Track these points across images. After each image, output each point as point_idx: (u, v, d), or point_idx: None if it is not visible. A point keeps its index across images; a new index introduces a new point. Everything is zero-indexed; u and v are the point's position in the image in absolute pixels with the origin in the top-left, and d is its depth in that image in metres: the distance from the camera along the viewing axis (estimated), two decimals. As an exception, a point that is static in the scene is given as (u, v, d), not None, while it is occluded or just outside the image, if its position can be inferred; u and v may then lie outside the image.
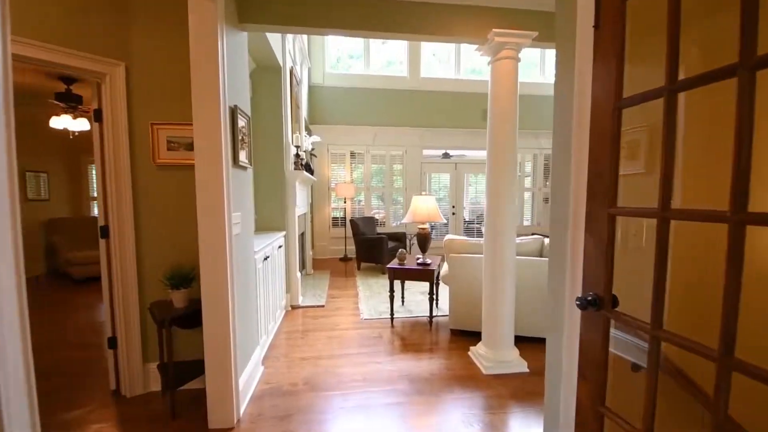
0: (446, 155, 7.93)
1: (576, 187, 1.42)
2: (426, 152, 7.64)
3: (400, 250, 3.75)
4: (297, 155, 4.18)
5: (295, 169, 4.17)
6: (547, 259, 3.20)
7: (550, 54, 7.68)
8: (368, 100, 7.20)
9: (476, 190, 7.73)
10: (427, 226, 3.62)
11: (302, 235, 5.46)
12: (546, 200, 7.89)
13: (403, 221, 3.61)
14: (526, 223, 7.95)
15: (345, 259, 6.96)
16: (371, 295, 4.58)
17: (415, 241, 7.55)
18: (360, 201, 7.46)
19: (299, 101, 5.30)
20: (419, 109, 7.36)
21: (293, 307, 4.14)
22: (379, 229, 7.13)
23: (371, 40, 7.20)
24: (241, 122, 2.27)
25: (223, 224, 1.96)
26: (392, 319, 3.70)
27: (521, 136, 7.76)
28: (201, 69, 1.93)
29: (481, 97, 7.49)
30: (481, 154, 7.69)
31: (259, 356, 2.69)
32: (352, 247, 6.96)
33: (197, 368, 2.23)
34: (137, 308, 2.43)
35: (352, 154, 7.30)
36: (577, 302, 1.32)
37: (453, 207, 7.64)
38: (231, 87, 2.12)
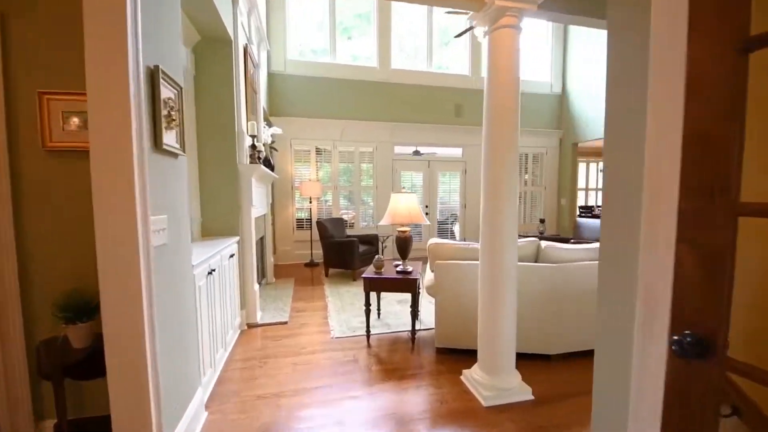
0: (417, 152, 7.52)
1: (657, 177, 0.96)
2: (397, 149, 7.18)
3: (377, 257, 3.24)
4: (253, 146, 3.56)
5: (251, 162, 3.55)
6: (547, 264, 2.82)
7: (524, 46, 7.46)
8: (335, 91, 6.63)
9: (449, 189, 7.37)
10: (408, 228, 3.14)
11: (261, 240, 4.82)
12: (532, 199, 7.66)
13: (380, 223, 3.09)
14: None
15: (311, 264, 6.35)
16: (342, 307, 4.04)
17: (388, 243, 7.12)
18: (327, 201, 6.88)
19: (256, 86, 4.65)
20: (390, 102, 6.89)
21: (250, 326, 3.51)
22: (349, 231, 6.58)
23: (337, 33, 6.63)
24: (167, 92, 1.67)
25: (133, 232, 1.36)
26: (368, 336, 3.19)
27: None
28: (98, 5, 1.32)
29: (453, 92, 7.15)
30: (454, 152, 7.35)
31: (201, 399, 2.08)
32: (318, 251, 6.35)
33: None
34: (22, 348, 1.76)
35: (318, 151, 6.70)
36: (674, 347, 0.88)
37: (426, 207, 7.23)
38: (150, 40, 1.52)
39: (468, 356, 2.80)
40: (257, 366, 2.73)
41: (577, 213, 7.80)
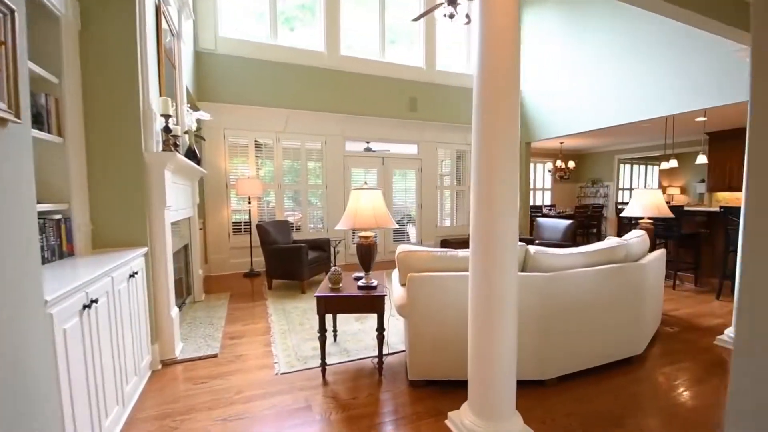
0: (368, 149, 6.96)
1: None
2: (349, 146, 6.55)
3: (333, 269, 2.60)
4: (167, 130, 2.73)
5: (163, 149, 2.73)
6: (538, 274, 2.37)
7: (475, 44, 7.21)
8: (277, 76, 5.84)
9: (405, 188, 6.89)
10: (372, 234, 2.54)
11: (186, 249, 3.94)
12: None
13: (337, 227, 2.44)
14: (446, 223, 7.35)
15: (251, 274, 5.49)
16: (290, 329, 3.33)
17: (341, 248, 6.43)
18: (270, 201, 6.05)
19: (175, 60, 3.78)
20: (339, 92, 6.24)
21: (166, 364, 2.69)
22: (296, 236, 5.82)
23: (279, 23, 5.84)
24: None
25: None
26: (324, 369, 2.53)
27: (443, 130, 7.26)
28: None
29: (409, 85, 6.70)
30: (409, 149, 6.90)
31: None
32: (260, 259, 5.53)
33: None
34: None
35: (258, 145, 5.86)
36: None
37: (380, 207, 6.67)
38: None
39: (450, 389, 2.28)
40: (170, 429, 1.97)
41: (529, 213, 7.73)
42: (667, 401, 2.21)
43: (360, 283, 2.57)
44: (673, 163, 6.64)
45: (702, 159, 6.18)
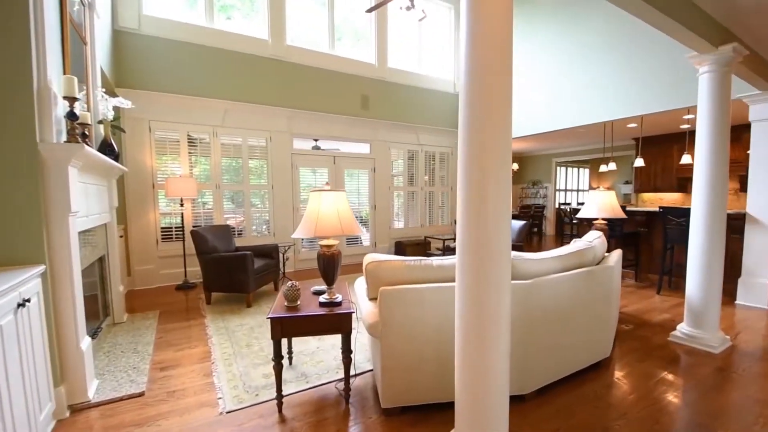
0: (316, 147, 6.56)
1: None
2: (297, 144, 6.09)
3: (289, 283, 2.22)
4: (72, 115, 2.17)
5: (68, 140, 2.16)
6: (518, 282, 2.20)
7: (427, 45, 7.15)
8: (213, 63, 5.23)
9: (357, 189, 6.58)
10: (335, 242, 2.21)
11: (101, 261, 3.29)
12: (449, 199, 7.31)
13: (294, 235, 2.07)
14: (399, 225, 7.18)
15: (185, 287, 4.84)
16: (235, 353, 2.87)
17: (290, 255, 5.92)
18: (206, 204, 5.40)
19: (86, 35, 3.13)
20: (286, 85, 5.77)
21: (76, 410, 2.13)
22: (238, 241, 5.26)
23: (215, 11, 5.24)
24: None
25: None
26: (280, 402, 2.15)
27: (396, 129, 7.09)
28: None
29: (360, 81, 6.41)
30: (361, 148, 6.61)
31: None
32: (195, 269, 4.90)
33: None
34: None
35: (192, 140, 5.19)
36: None
37: (331, 209, 6.30)
38: None
39: (430, 413, 2.04)
40: (77, 508, 1.49)
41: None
42: (646, 407, 2.15)
43: (322, 298, 2.23)
44: (612, 166, 7.09)
45: (639, 162, 6.66)
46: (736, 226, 4.08)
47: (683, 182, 7.88)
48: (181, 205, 4.93)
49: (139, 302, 4.22)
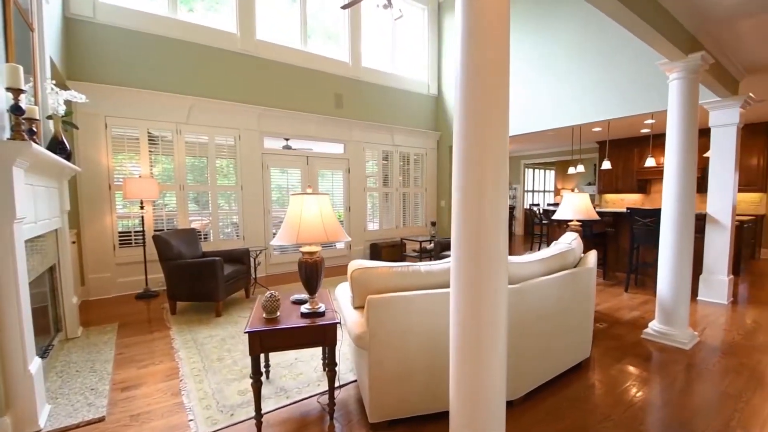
0: (287, 147, 6.35)
1: None
2: (268, 143, 5.86)
3: (268, 293, 2.06)
4: (17, 110, 1.91)
5: (12, 137, 1.90)
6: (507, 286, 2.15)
7: (401, 45, 7.10)
8: (177, 56, 4.91)
9: (331, 190, 6.41)
10: (318, 248, 2.08)
11: (51, 271, 2.97)
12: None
13: (274, 242, 1.93)
14: (374, 227, 7.07)
15: (147, 295, 4.50)
16: (206, 368, 2.66)
17: (261, 259, 5.65)
18: (169, 206, 5.06)
19: (33, 21, 2.81)
20: (256, 81, 5.53)
21: (19, 445, 1.88)
22: (205, 246, 4.98)
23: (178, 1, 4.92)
24: None
25: None
26: (259, 423, 1.99)
27: (370, 130, 7.00)
28: None
29: (334, 80, 6.26)
30: (335, 149, 6.47)
31: None
32: (157, 275, 4.59)
33: None
34: None
35: (153, 138, 4.85)
36: None
37: (304, 211, 6.10)
38: None
39: (420, 426, 1.96)
40: None
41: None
42: (630, 407, 2.18)
43: (304, 308, 2.09)
44: (581, 168, 7.33)
45: (607, 164, 6.92)
46: (697, 226, 4.29)
47: (643, 184, 8.29)
48: (141, 207, 4.59)
49: (95, 314, 3.88)
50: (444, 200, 7.67)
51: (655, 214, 4.39)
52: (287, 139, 6.22)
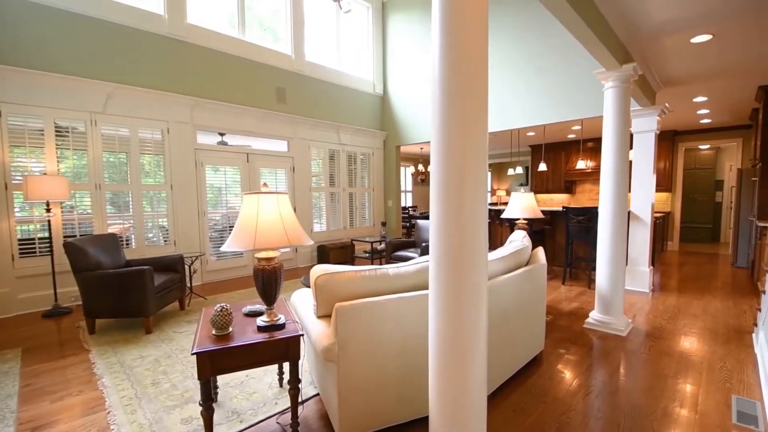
0: (223, 143, 5.87)
1: None
2: (203, 138, 5.36)
3: (218, 307, 1.81)
4: None
5: None
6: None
7: (346, 42, 6.95)
8: (93, 37, 4.28)
9: (275, 190, 6.04)
10: (276, 254, 1.87)
11: (-77, 293, 2.37)
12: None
13: (227, 249, 1.69)
14: (321, 228, 6.83)
15: (56, 313, 3.84)
16: (139, 395, 2.29)
17: (197, 267, 5.08)
18: (83, 208, 4.38)
19: None
20: (188, 69, 5.02)
21: None
22: (129, 254, 4.40)
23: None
24: None
25: None
26: (210, 454, 1.74)
27: (316, 127, 6.73)
28: None
29: (275, 73, 5.93)
30: (278, 146, 6.13)
31: None
32: (69, 289, 3.94)
33: None
34: None
35: (61, 130, 4.16)
36: None
37: (244, 212, 5.67)
38: None
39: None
40: None
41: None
42: (586, 395, 2.27)
43: (260, 321, 1.87)
44: (519, 169, 7.75)
45: (543, 167, 7.40)
46: (622, 222, 4.73)
47: (570, 185, 9.04)
48: (48, 210, 3.91)
49: (-14, 340, 3.20)
50: (392, 200, 7.66)
51: (588, 212, 4.76)
52: (222, 135, 5.75)
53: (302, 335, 1.81)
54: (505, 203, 9.93)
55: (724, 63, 3.84)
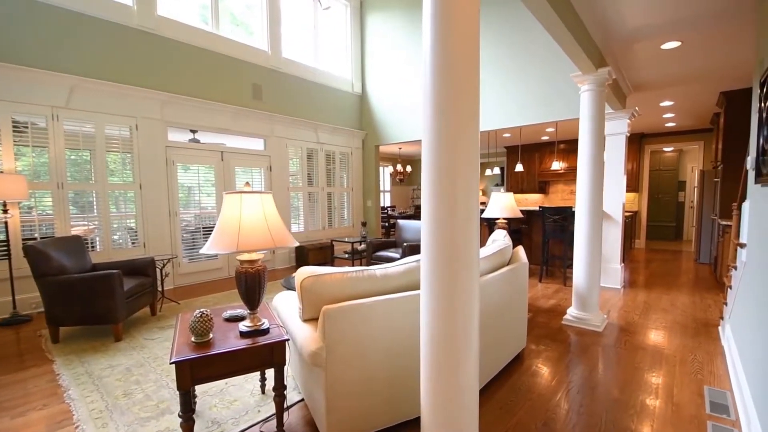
0: (195, 140, 5.66)
1: None
2: (174, 135, 5.14)
3: (198, 312, 1.72)
4: None
5: None
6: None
7: (324, 40, 6.85)
8: (55, 27, 4.01)
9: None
10: (260, 256, 1.80)
11: None
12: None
13: (207, 251, 1.61)
14: (299, 228, 6.70)
15: (15, 321, 3.58)
16: (110, 408, 2.15)
17: (170, 270, 4.85)
18: (42, 208, 4.10)
19: None
20: (158, 63, 4.80)
21: None
22: (95, 257, 4.16)
23: None
24: None
25: None
26: (190, 469, 1.65)
27: (294, 126, 6.60)
28: None
29: (251, 69, 5.78)
30: (254, 144, 5.97)
31: None
32: (29, 295, 3.69)
33: None
34: None
35: (19, 126, 3.88)
36: None
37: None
38: None
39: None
40: None
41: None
42: (569, 391, 2.32)
43: (243, 326, 1.79)
44: (496, 170, 7.88)
45: (519, 167, 7.54)
46: (595, 221, 4.89)
47: (543, 185, 9.28)
48: (5, 211, 3.63)
49: (-67, 352, 2.94)
50: (371, 200, 7.61)
51: (563, 211, 4.88)
52: (194, 132, 5.53)
53: (288, 340, 1.75)
54: (483, 203, 10.10)
55: (689, 69, 4.03)
